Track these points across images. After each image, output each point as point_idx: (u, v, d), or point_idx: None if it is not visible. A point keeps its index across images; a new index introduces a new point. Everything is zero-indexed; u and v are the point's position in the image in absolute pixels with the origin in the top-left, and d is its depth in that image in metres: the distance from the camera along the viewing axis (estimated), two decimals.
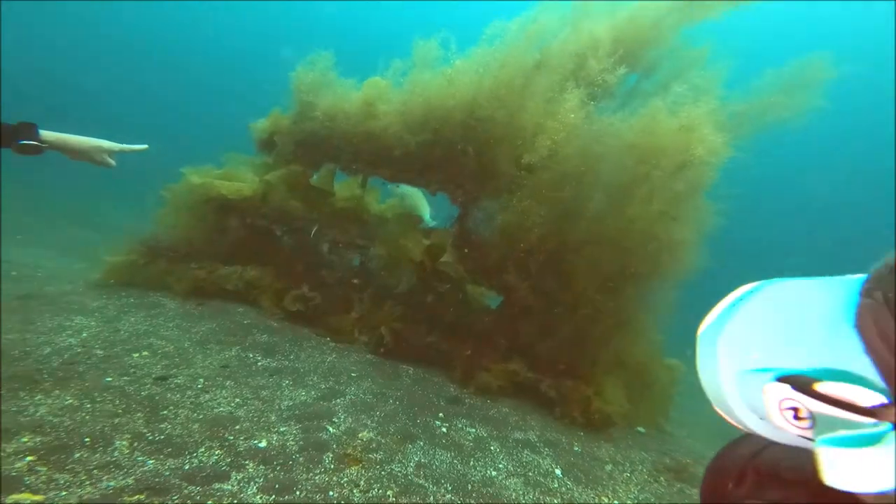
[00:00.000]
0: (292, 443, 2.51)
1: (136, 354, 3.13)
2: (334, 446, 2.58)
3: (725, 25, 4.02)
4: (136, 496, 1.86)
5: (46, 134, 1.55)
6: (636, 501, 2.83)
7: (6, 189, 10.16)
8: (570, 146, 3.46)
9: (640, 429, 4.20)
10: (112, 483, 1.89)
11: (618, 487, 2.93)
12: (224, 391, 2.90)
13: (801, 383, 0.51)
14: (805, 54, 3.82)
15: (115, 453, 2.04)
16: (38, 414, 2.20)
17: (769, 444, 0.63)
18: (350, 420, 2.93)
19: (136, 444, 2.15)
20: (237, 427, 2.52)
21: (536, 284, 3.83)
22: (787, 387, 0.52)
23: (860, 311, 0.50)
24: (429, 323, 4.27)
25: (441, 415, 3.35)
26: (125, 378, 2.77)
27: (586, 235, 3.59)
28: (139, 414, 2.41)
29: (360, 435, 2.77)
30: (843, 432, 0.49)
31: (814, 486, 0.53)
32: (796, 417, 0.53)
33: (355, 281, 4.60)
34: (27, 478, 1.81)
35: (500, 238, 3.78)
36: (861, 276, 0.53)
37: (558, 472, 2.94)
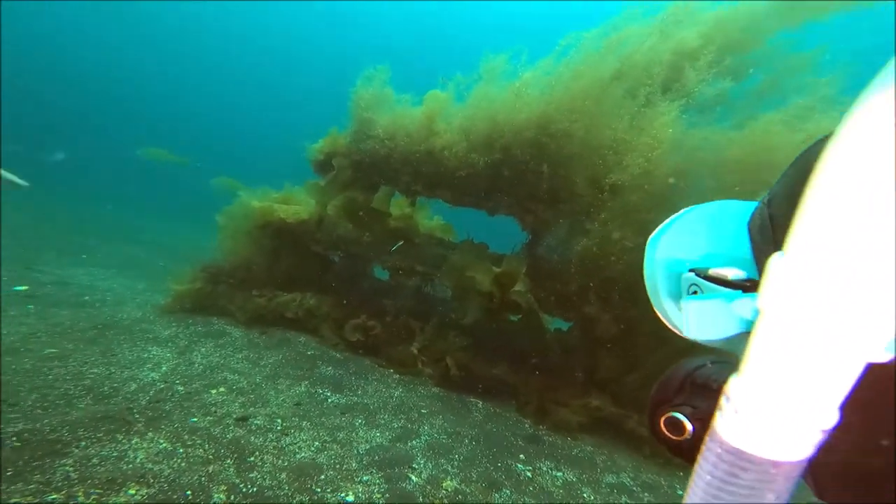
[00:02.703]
0: (378, 495, 2.51)
1: (214, 391, 3.26)
2: (421, 498, 2.55)
3: (840, 24, 3.70)
4: None
5: None
6: None
7: (58, 209, 11.11)
8: (666, 164, 3.29)
9: None
10: None
11: None
12: (302, 433, 2.95)
13: (700, 271, 0.72)
14: None
15: None
16: (139, 460, 2.32)
17: (705, 364, 0.78)
18: (430, 466, 2.90)
19: (232, 496, 2.21)
20: (322, 477, 2.55)
21: (619, 315, 3.67)
22: (692, 274, 0.74)
23: (752, 213, 0.72)
24: (496, 354, 4.20)
25: (522, 456, 3.27)
26: (209, 418, 2.89)
27: None
28: (229, 461, 2.49)
29: (443, 484, 2.74)
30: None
31: None
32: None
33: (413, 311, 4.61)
34: None
35: (578, 266, 3.65)
36: None
37: None
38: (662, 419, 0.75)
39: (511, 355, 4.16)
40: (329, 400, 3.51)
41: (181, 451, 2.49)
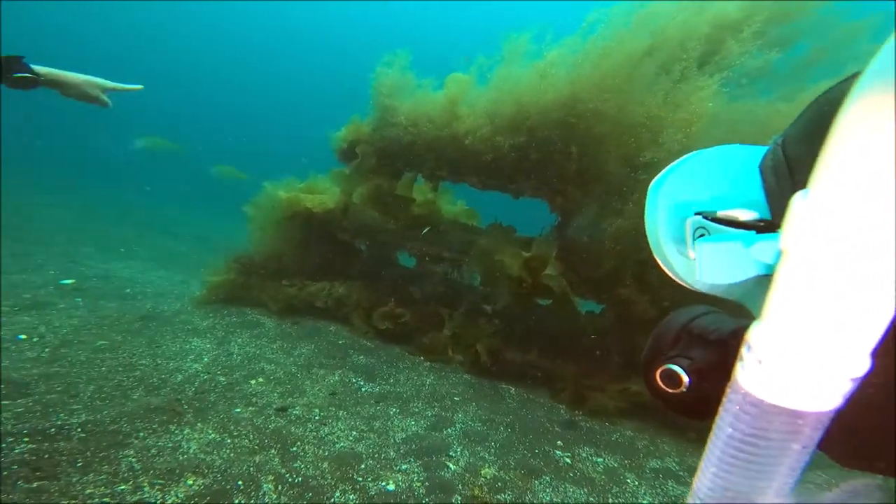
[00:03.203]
0: (418, 483, 2.59)
1: (253, 381, 3.40)
2: (460, 486, 2.62)
3: None
4: None
5: (40, 68, 1.54)
6: None
7: (94, 201, 11.59)
8: (706, 139, 3.13)
9: None
10: None
11: None
12: (339, 423, 3.06)
13: (708, 213, 0.70)
14: None
15: (266, 498, 2.22)
16: (192, 451, 2.46)
17: (703, 314, 0.76)
18: (468, 454, 2.96)
19: (280, 487, 2.32)
20: (362, 466, 2.64)
21: (656, 297, 3.59)
22: (699, 217, 0.72)
23: (764, 155, 0.71)
24: (528, 340, 4.20)
25: (560, 443, 3.30)
26: (251, 409, 3.02)
27: None
28: (273, 451, 2.61)
29: (482, 472, 2.80)
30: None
31: (728, 346, 0.67)
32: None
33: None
34: None
35: (612, 247, 3.57)
36: None
37: None
38: (658, 372, 0.74)
39: (543, 340, 4.16)
40: (363, 389, 3.61)
41: (229, 441, 2.62)
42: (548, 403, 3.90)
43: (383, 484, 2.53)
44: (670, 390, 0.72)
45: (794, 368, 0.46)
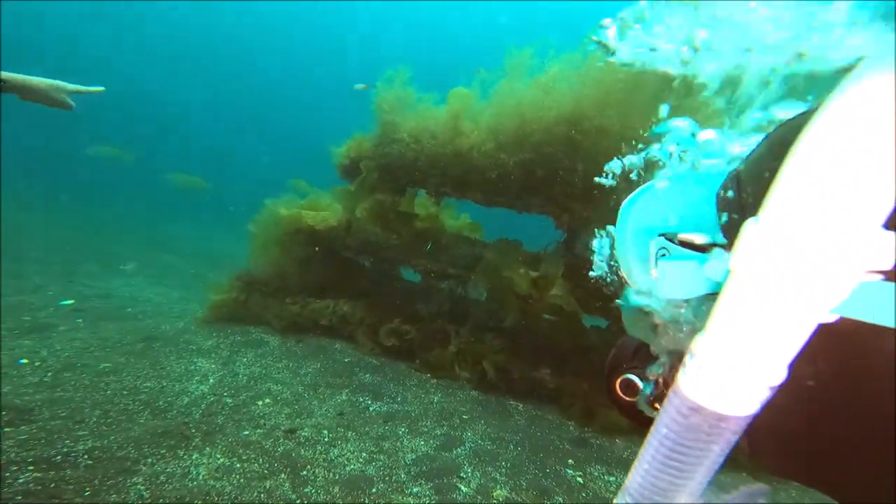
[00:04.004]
0: None
1: (260, 402, 3.39)
2: None
3: None
4: None
5: (3, 73, 1.55)
6: None
7: (94, 220, 11.57)
8: None
9: None
10: None
11: None
12: (349, 444, 3.04)
13: (670, 235, 0.78)
14: None
15: None
16: (201, 477, 2.44)
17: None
18: (479, 474, 2.95)
19: None
20: (374, 490, 2.62)
21: None
22: (662, 238, 0.80)
23: (723, 182, 0.75)
24: (536, 356, 4.20)
25: (570, 461, 3.28)
26: (259, 431, 3.00)
27: None
28: (283, 475, 2.60)
29: (494, 494, 2.78)
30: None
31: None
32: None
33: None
34: None
35: None
36: None
37: None
38: (617, 381, 0.82)
39: (551, 356, 4.16)
40: (371, 408, 3.59)
41: (238, 466, 2.61)
42: (556, 420, 3.90)
43: None
44: (627, 398, 0.79)
45: (723, 375, 0.52)
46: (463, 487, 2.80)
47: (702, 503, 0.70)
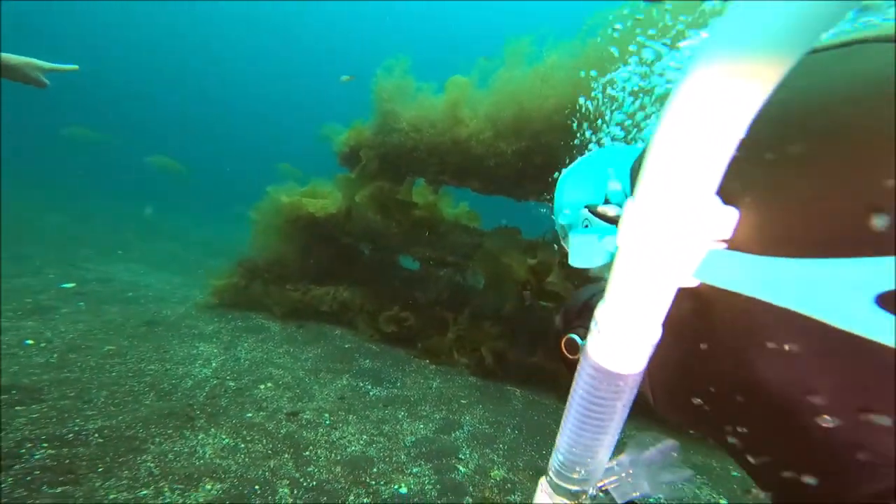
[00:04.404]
0: (430, 486, 2.68)
1: (262, 386, 3.48)
2: (471, 489, 2.71)
3: None
4: None
5: None
6: None
7: (94, 207, 11.56)
8: None
9: None
10: None
11: None
12: (350, 427, 3.14)
13: (591, 207, 0.81)
14: None
15: (283, 502, 2.30)
16: (207, 456, 2.53)
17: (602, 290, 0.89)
18: (477, 456, 3.05)
19: (295, 491, 2.40)
20: (374, 470, 2.73)
21: None
22: (586, 210, 0.83)
23: (637, 157, 0.82)
24: (532, 342, 4.29)
25: None
26: (262, 413, 3.10)
27: None
28: (286, 455, 2.69)
29: (491, 473, 2.89)
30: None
31: None
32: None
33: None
34: None
35: None
36: None
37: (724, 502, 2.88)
38: (563, 341, 0.87)
39: (548, 342, 4.26)
40: (371, 393, 3.69)
41: (242, 446, 2.70)
42: (553, 405, 4.00)
43: (396, 487, 2.61)
44: (572, 357, 0.86)
45: (617, 338, 0.59)
46: (461, 468, 2.90)
47: (625, 458, 0.86)
